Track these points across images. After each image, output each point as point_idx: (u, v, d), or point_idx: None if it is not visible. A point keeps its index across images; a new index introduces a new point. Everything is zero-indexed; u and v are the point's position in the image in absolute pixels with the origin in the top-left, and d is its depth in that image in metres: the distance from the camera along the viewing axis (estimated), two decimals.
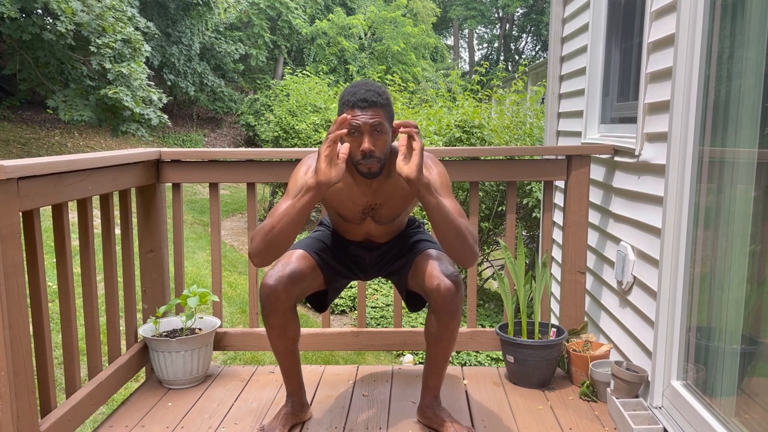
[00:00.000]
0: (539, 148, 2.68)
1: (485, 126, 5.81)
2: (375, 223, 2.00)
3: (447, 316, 1.87)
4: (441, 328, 1.90)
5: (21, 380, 1.70)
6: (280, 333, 1.94)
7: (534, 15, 27.91)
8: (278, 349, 2.00)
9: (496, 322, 5.75)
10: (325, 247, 2.07)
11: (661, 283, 2.03)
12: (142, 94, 9.43)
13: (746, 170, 1.68)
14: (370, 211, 1.97)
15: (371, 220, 1.99)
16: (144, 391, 2.42)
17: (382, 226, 2.01)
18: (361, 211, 1.96)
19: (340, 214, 1.98)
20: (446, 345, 1.95)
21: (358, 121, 1.75)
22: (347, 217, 1.99)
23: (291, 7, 16.23)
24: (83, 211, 2.14)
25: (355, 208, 1.95)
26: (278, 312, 1.90)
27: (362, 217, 1.98)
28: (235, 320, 5.35)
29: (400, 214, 1.99)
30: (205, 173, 2.61)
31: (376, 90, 1.78)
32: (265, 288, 1.87)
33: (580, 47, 3.34)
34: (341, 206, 1.96)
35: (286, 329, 1.94)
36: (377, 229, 2.02)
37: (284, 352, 2.01)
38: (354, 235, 2.06)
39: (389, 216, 1.98)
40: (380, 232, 2.04)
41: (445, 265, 1.90)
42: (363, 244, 2.09)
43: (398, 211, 1.97)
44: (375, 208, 1.95)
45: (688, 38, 1.91)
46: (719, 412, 1.74)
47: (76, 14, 8.70)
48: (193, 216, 9.29)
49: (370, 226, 2.01)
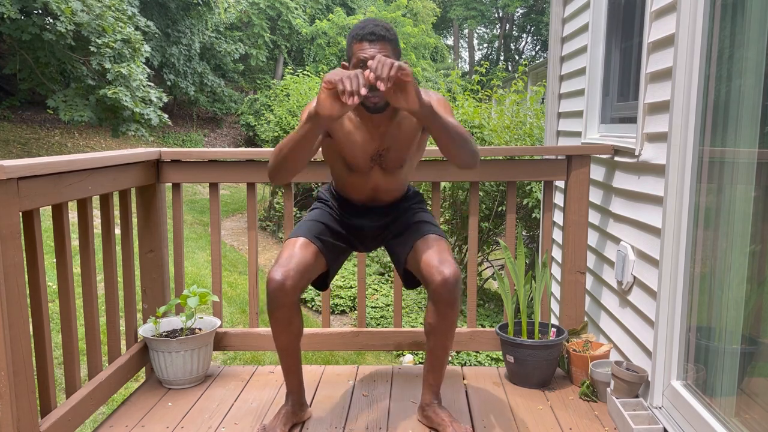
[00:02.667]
0: (539, 148, 2.68)
1: (485, 126, 5.81)
2: (382, 171, 2.01)
3: (446, 307, 1.88)
4: (439, 319, 1.91)
5: (21, 380, 1.70)
6: (285, 328, 1.95)
7: (534, 15, 27.91)
8: (281, 344, 2.01)
9: (496, 322, 5.75)
10: (325, 228, 2.07)
11: (661, 283, 2.03)
12: (142, 95, 9.43)
13: (746, 170, 1.68)
14: (378, 157, 1.98)
15: (378, 169, 2.01)
16: (144, 391, 2.42)
17: (388, 176, 2.03)
18: (369, 158, 1.98)
19: (348, 163, 1.99)
20: (445, 338, 1.96)
21: (365, 54, 1.78)
22: (356, 166, 1.99)
23: (291, 7, 16.23)
24: (83, 211, 2.14)
25: (363, 155, 1.97)
26: (284, 306, 1.90)
27: (370, 164, 1.99)
28: (235, 320, 5.35)
29: (406, 159, 2.01)
30: (205, 173, 2.61)
31: (384, 25, 1.84)
32: (272, 282, 1.88)
33: (580, 47, 3.34)
34: (350, 153, 1.96)
35: (291, 324, 1.95)
36: (383, 180, 2.03)
37: (287, 348, 2.02)
38: (360, 191, 2.07)
39: (396, 161, 1.99)
40: (386, 185, 2.05)
41: (444, 256, 1.91)
42: (367, 205, 2.10)
43: (404, 155, 1.99)
44: (383, 154, 1.97)
45: (688, 38, 1.91)
46: (719, 412, 1.74)
47: (75, 14, 8.70)
48: (193, 216, 9.29)
49: (377, 177, 2.02)
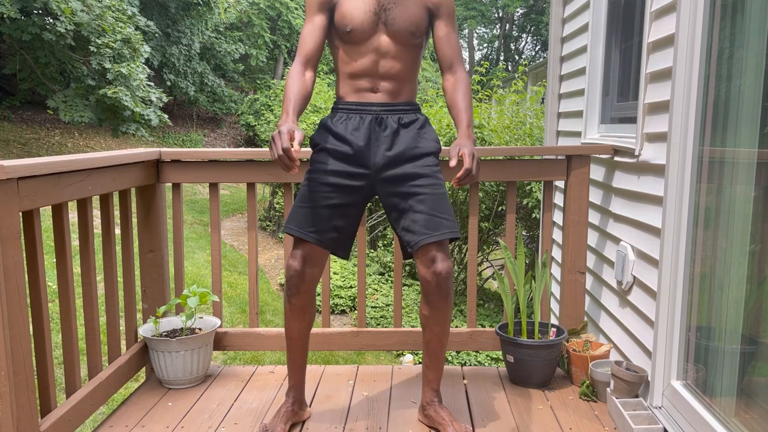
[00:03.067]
0: (539, 148, 2.68)
1: (485, 126, 5.82)
2: (387, 32, 1.95)
3: (438, 297, 1.92)
4: (432, 310, 1.94)
5: (21, 380, 1.70)
6: (299, 315, 2.00)
7: (534, 15, 27.91)
8: (293, 333, 2.03)
9: (496, 322, 5.75)
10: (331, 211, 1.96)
11: (661, 283, 2.03)
12: (142, 94, 9.43)
13: (746, 170, 1.69)
14: (382, 12, 1.94)
15: (384, 29, 1.95)
16: (144, 391, 2.43)
17: (395, 40, 1.96)
18: (373, 12, 1.93)
19: (351, 26, 1.94)
20: (440, 329, 1.97)
21: None
22: (358, 25, 1.93)
23: (291, 7, 16.23)
24: (83, 211, 2.14)
25: (365, 7, 1.93)
26: (301, 293, 1.96)
27: (374, 20, 1.93)
28: (235, 320, 5.35)
29: (414, 24, 1.96)
30: (205, 173, 2.61)
31: None
32: (291, 269, 1.95)
33: (580, 47, 3.34)
34: (353, 10, 1.94)
35: (305, 312, 2.01)
36: (389, 46, 1.96)
37: (298, 337, 2.05)
38: (362, 64, 1.97)
39: (402, 21, 1.94)
40: (395, 61, 1.97)
41: (438, 247, 1.90)
42: (371, 89, 1.99)
43: (411, 17, 1.95)
44: (387, 9, 1.94)
45: (688, 38, 1.91)
46: (719, 412, 1.74)
47: (75, 14, 8.70)
48: (193, 216, 9.29)
49: (382, 39, 1.95)
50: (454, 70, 2.07)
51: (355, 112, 1.99)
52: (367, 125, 1.97)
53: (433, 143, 2.02)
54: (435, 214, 1.93)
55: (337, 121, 2.01)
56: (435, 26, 2.04)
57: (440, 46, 2.05)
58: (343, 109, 2.01)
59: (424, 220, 1.92)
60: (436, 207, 1.93)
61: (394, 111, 2.00)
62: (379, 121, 1.98)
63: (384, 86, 1.99)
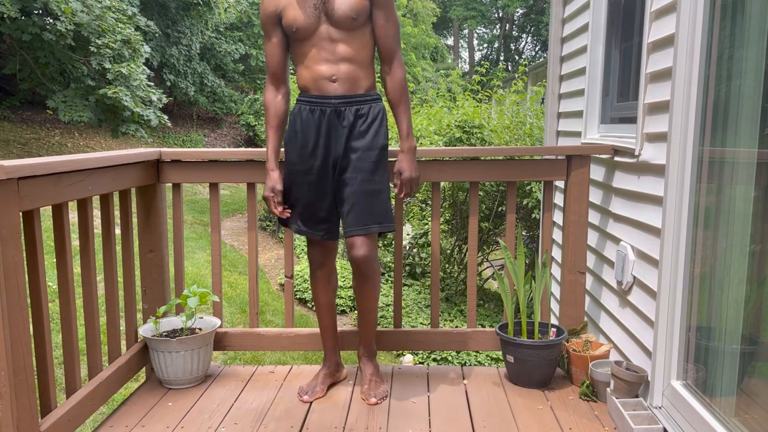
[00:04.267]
0: (539, 148, 2.68)
1: (485, 126, 5.82)
2: (330, 21, 2.08)
3: (362, 278, 2.24)
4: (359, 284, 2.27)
5: (21, 380, 1.70)
6: (325, 286, 2.35)
7: (534, 15, 27.90)
8: (321, 302, 2.37)
9: (496, 322, 5.75)
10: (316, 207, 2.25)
11: (661, 283, 2.03)
12: (142, 95, 9.43)
13: (746, 170, 1.69)
14: (321, 4, 2.08)
15: (326, 20, 2.09)
16: (144, 391, 2.43)
17: (339, 27, 2.09)
18: (313, 6, 2.08)
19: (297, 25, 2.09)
20: (366, 301, 2.31)
21: None
22: (303, 22, 2.08)
23: None
24: (83, 211, 2.14)
25: (305, 5, 2.08)
26: (324, 265, 2.32)
27: (316, 14, 2.08)
28: (235, 320, 5.35)
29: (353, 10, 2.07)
30: (205, 173, 2.61)
31: None
32: (312, 245, 2.30)
33: (579, 47, 3.34)
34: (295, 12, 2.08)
35: (329, 280, 2.36)
36: (336, 33, 2.10)
37: (326, 305, 2.37)
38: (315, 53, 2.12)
39: (342, 9, 2.07)
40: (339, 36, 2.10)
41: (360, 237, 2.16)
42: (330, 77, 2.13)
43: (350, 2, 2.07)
44: (326, 1, 2.07)
45: (688, 38, 1.91)
46: (719, 412, 1.74)
47: (75, 14, 8.70)
48: (193, 216, 9.29)
49: (328, 29, 2.10)
50: (391, 65, 2.21)
51: (317, 105, 2.17)
52: (327, 119, 2.16)
53: (381, 138, 2.20)
54: (363, 210, 2.16)
55: (302, 115, 2.19)
56: (373, 15, 2.15)
57: (378, 34, 2.18)
58: (306, 102, 2.19)
59: (354, 213, 2.16)
60: (367, 202, 2.16)
61: (351, 102, 2.16)
62: (338, 113, 2.16)
63: (342, 72, 2.13)
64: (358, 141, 2.16)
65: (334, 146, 2.17)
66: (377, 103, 2.21)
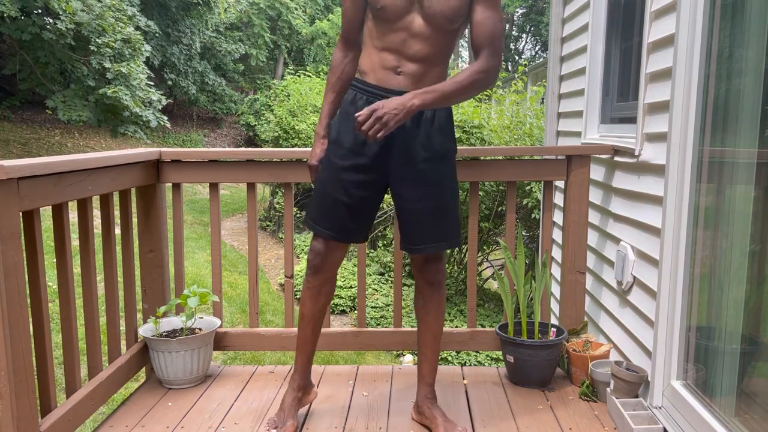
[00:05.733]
0: (539, 148, 2.68)
1: (485, 126, 5.82)
2: (422, 13, 1.83)
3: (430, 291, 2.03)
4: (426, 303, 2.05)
5: (21, 380, 1.70)
6: (315, 295, 2.05)
7: (534, 15, 27.90)
8: (307, 311, 2.07)
9: (496, 322, 5.75)
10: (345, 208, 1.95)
11: (661, 283, 2.03)
12: (141, 94, 9.43)
13: (746, 170, 1.69)
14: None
15: (418, 10, 1.83)
16: (144, 391, 2.43)
17: (429, 23, 1.84)
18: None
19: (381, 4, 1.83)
20: (433, 320, 2.06)
21: None
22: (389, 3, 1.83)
23: (291, 7, 16.23)
24: (83, 211, 2.14)
25: None
26: (321, 273, 2.02)
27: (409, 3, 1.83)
28: (235, 320, 5.35)
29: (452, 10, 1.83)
30: (205, 173, 2.61)
31: None
32: (314, 251, 2.01)
33: (579, 47, 3.34)
34: None
35: (322, 292, 2.05)
36: (422, 28, 1.84)
37: (311, 316, 2.08)
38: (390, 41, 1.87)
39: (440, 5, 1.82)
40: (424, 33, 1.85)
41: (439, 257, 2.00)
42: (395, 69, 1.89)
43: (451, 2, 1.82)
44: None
45: (688, 38, 1.91)
46: (719, 412, 1.74)
47: (75, 14, 8.70)
48: (193, 216, 9.29)
49: (415, 21, 1.84)
50: (479, 58, 1.89)
51: (376, 97, 1.91)
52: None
53: (448, 144, 1.97)
54: (438, 223, 1.95)
55: (357, 104, 1.94)
56: (473, 9, 1.88)
57: (473, 30, 1.90)
58: (363, 91, 1.94)
59: (425, 227, 1.95)
60: (441, 216, 1.95)
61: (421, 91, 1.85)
62: None
63: (408, 68, 1.88)
64: (425, 147, 1.92)
65: (389, 148, 1.92)
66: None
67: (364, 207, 1.98)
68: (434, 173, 1.94)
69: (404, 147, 1.92)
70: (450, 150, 1.98)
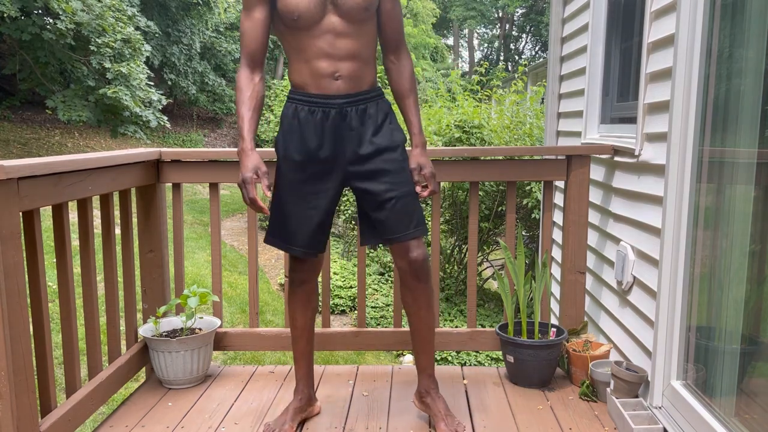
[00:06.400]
0: (539, 148, 2.68)
1: (485, 126, 5.81)
2: (338, 12, 1.83)
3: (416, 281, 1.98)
4: (415, 291, 1.99)
5: (21, 380, 1.70)
6: (304, 306, 2.08)
7: (534, 15, 27.89)
8: (298, 324, 2.09)
9: (496, 322, 5.75)
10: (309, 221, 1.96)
11: (661, 283, 2.03)
12: (141, 94, 9.44)
13: (746, 170, 1.69)
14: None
15: (333, 10, 1.83)
16: (144, 391, 2.43)
17: (348, 19, 1.85)
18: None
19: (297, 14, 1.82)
20: (425, 313, 2.02)
21: None
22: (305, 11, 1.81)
23: None
24: (83, 211, 2.14)
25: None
26: (304, 284, 2.06)
27: (322, 2, 1.82)
28: (235, 320, 5.35)
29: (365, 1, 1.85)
30: (205, 173, 2.61)
31: None
32: (291, 264, 2.05)
33: (580, 47, 3.34)
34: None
35: (309, 301, 2.09)
36: (343, 26, 1.85)
37: (303, 327, 2.10)
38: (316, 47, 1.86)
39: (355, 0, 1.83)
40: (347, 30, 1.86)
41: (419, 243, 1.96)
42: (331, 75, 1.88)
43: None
44: None
45: (688, 38, 1.91)
46: (719, 412, 1.74)
47: (76, 14, 8.70)
48: (193, 216, 9.29)
49: (334, 21, 1.84)
50: (399, 54, 2.02)
51: (318, 106, 1.90)
52: (331, 122, 1.91)
53: (398, 134, 2.00)
54: (407, 211, 1.94)
55: (299, 116, 1.93)
56: (381, 2, 1.94)
57: (384, 22, 1.97)
58: (304, 102, 1.92)
59: (396, 217, 1.93)
60: (407, 204, 1.94)
61: (356, 102, 1.92)
62: (343, 115, 1.91)
63: (344, 69, 1.88)
64: (376, 142, 1.93)
65: (342, 151, 1.93)
66: (382, 98, 1.99)
67: (327, 214, 1.99)
68: (391, 163, 1.94)
69: (356, 146, 1.93)
70: (400, 140, 2.00)
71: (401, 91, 2.03)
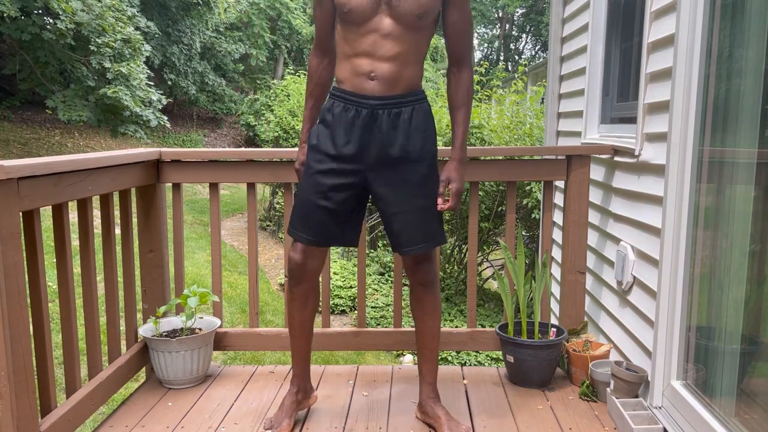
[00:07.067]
0: (539, 148, 2.68)
1: (485, 126, 5.81)
2: (390, 13, 1.83)
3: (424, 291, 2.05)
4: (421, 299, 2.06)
5: (21, 380, 1.70)
6: (301, 304, 2.06)
7: (534, 15, 27.89)
8: (295, 321, 2.08)
9: (496, 322, 5.75)
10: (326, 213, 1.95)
11: (661, 283, 2.03)
12: (141, 94, 9.44)
13: (746, 170, 1.69)
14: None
15: (386, 11, 1.83)
16: (144, 391, 2.43)
17: (399, 22, 1.84)
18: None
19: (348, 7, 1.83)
20: (429, 319, 2.07)
21: None
22: (356, 5, 1.83)
23: (291, 7, 16.23)
24: (83, 211, 2.14)
25: None
26: (303, 282, 2.03)
27: (376, 1, 1.82)
28: (235, 320, 5.35)
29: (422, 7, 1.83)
30: (205, 173, 2.61)
31: None
32: (293, 261, 2.01)
33: (580, 47, 3.34)
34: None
35: (307, 301, 2.06)
36: (392, 27, 1.84)
37: (301, 326, 2.09)
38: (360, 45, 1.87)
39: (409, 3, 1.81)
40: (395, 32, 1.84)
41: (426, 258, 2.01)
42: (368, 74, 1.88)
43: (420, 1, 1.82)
44: None
45: (688, 38, 1.91)
46: (719, 412, 1.74)
47: (75, 14, 8.70)
48: (193, 216, 9.29)
49: (384, 21, 1.84)
50: (460, 67, 1.99)
51: (352, 104, 1.91)
52: (362, 121, 1.90)
53: (429, 145, 1.97)
54: (424, 223, 1.96)
55: (334, 111, 1.94)
56: (445, 11, 1.92)
57: (448, 34, 1.96)
58: (340, 98, 1.94)
59: (408, 230, 1.95)
60: (422, 218, 1.95)
61: (389, 105, 1.90)
62: (375, 117, 1.90)
63: (381, 70, 1.87)
64: (404, 149, 1.91)
65: (367, 152, 1.92)
66: (421, 104, 1.95)
67: (344, 210, 1.97)
68: (414, 175, 1.94)
69: (383, 150, 1.92)
70: (429, 152, 1.97)
71: (454, 102, 2.00)
